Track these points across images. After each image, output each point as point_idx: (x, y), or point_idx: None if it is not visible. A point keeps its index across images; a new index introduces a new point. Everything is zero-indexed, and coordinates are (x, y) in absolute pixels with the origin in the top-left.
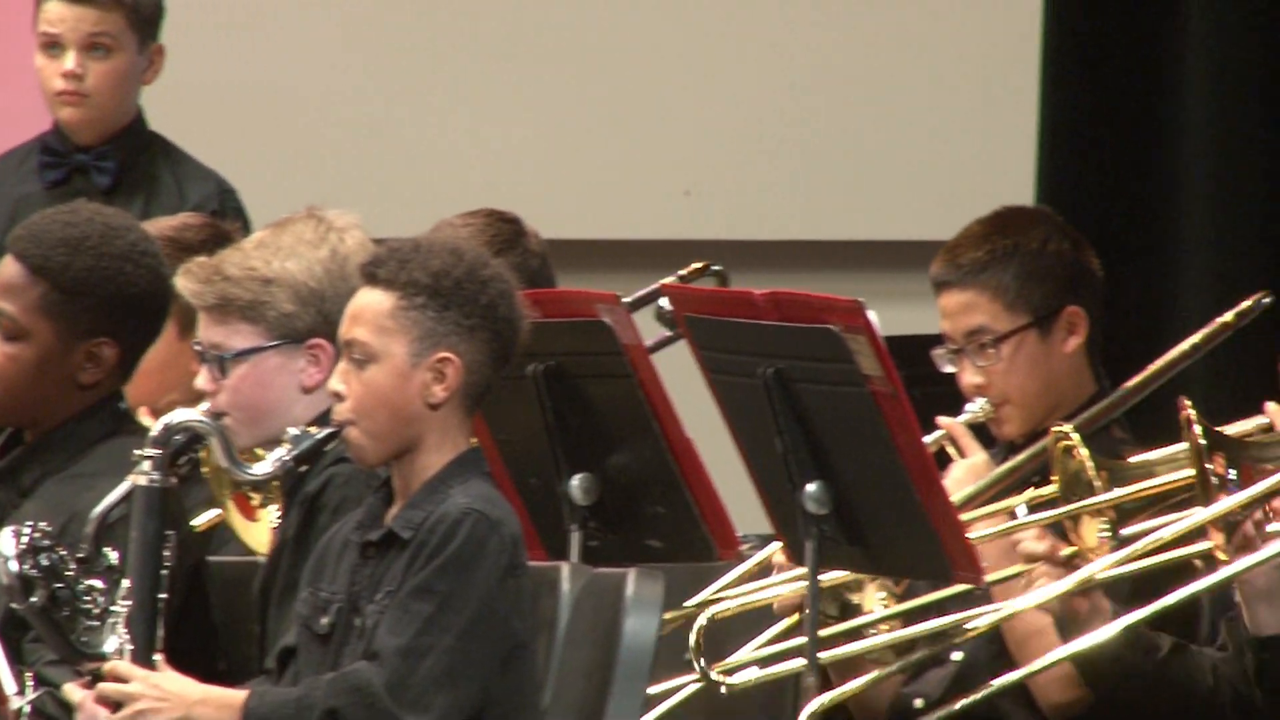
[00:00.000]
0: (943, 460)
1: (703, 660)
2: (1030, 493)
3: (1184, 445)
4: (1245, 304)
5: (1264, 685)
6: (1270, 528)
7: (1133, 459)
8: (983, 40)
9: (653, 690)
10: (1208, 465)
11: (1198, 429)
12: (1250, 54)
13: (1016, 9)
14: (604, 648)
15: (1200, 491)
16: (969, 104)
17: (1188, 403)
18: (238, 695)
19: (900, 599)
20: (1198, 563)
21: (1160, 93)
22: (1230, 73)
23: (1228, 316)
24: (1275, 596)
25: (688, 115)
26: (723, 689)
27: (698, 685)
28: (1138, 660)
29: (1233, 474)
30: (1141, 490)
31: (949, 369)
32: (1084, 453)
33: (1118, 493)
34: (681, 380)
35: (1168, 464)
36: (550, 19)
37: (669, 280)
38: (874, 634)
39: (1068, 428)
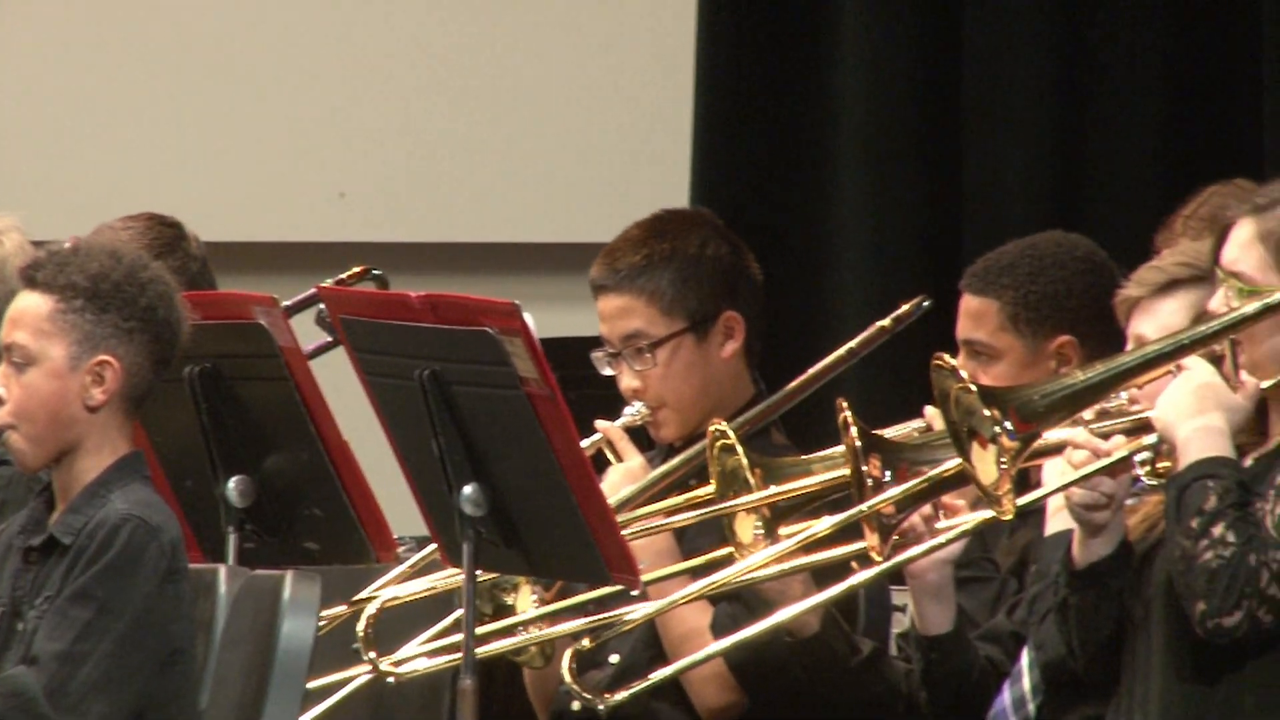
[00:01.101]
0: (601, 463)
1: (373, 652)
2: (689, 495)
3: (842, 448)
4: (903, 308)
5: (929, 684)
6: (940, 524)
7: (789, 458)
8: (636, 44)
9: (320, 683)
10: (863, 466)
11: (854, 430)
12: (905, 58)
13: (670, 13)
14: (262, 649)
15: (856, 491)
16: (624, 107)
17: (845, 404)
18: None
19: (557, 599)
20: (854, 564)
21: (817, 96)
22: (886, 77)
23: (885, 321)
24: (944, 595)
25: (342, 118)
26: (390, 679)
27: (369, 676)
28: (786, 660)
29: (888, 475)
30: (798, 489)
31: (607, 372)
32: (740, 450)
33: (773, 490)
34: (341, 383)
35: (825, 463)
36: (206, 24)
37: (327, 283)
38: (525, 633)
39: (725, 426)
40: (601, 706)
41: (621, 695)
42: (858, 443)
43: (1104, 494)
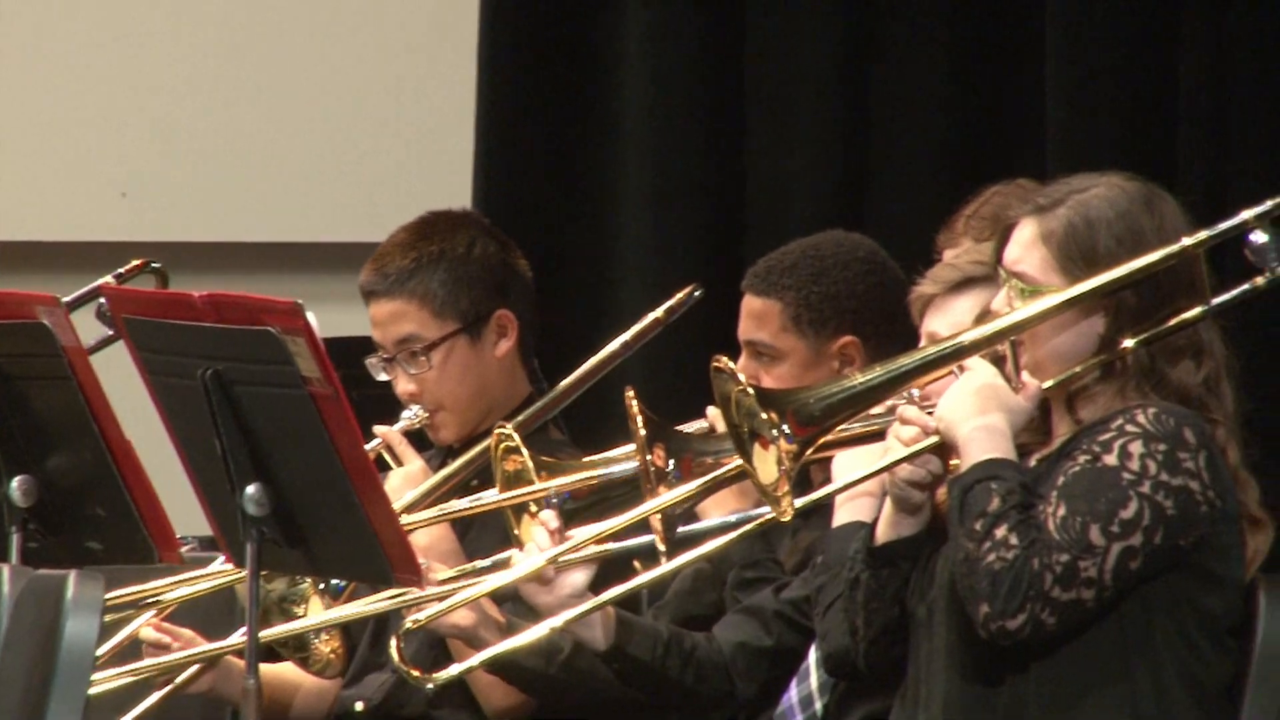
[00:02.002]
0: (382, 467)
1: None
2: (474, 498)
3: (625, 449)
4: (676, 298)
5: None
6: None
7: (574, 461)
8: (419, 44)
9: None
10: (648, 455)
11: (640, 419)
12: (688, 53)
13: (451, 11)
14: (45, 649)
15: (643, 481)
16: (406, 106)
17: (632, 393)
18: None
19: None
20: (636, 564)
21: (599, 94)
22: (669, 75)
23: (658, 313)
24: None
25: (124, 117)
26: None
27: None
28: (540, 665)
29: (672, 465)
30: (584, 479)
31: (382, 377)
32: (525, 453)
33: (558, 481)
34: (123, 381)
35: (608, 464)
36: None
37: (108, 280)
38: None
39: (509, 429)
40: (430, 686)
41: (447, 673)
42: (643, 431)
43: (931, 472)
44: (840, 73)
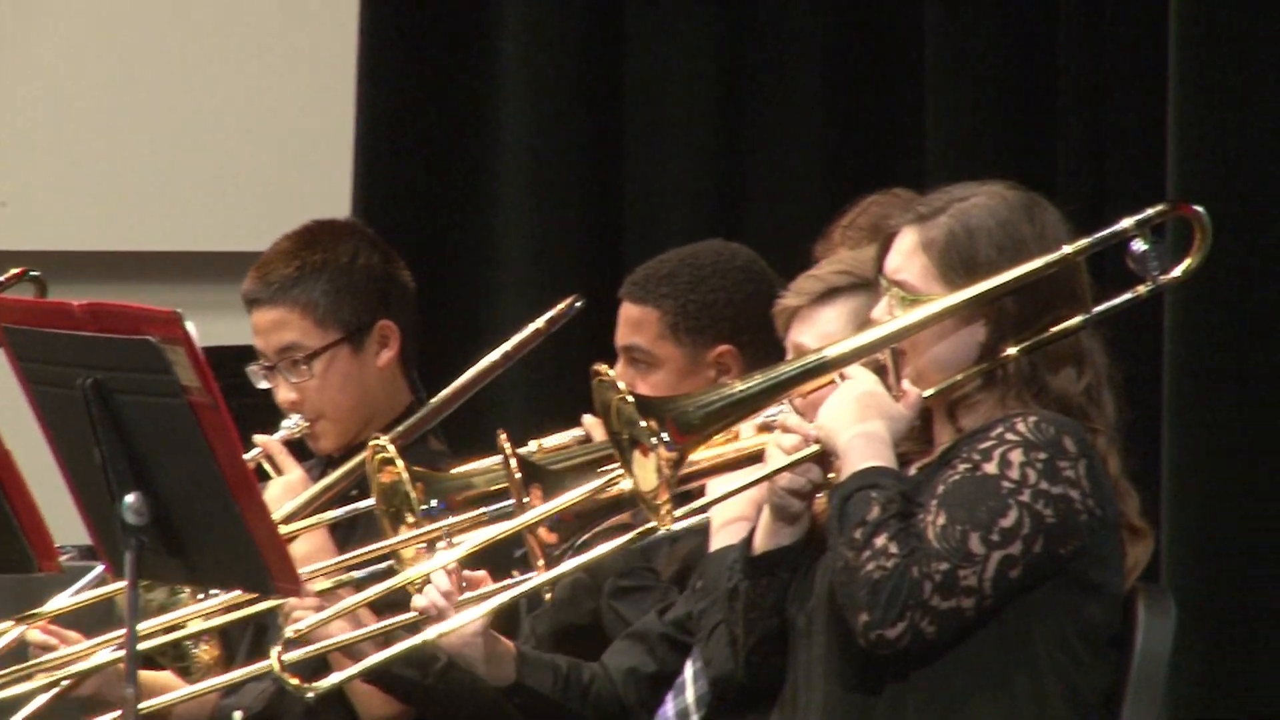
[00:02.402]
0: (261, 476)
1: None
2: (352, 507)
3: (497, 458)
4: (557, 309)
5: None
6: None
7: (449, 471)
8: (297, 54)
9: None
10: (525, 499)
11: (513, 463)
12: (567, 64)
13: (331, 20)
14: None
15: (519, 511)
16: (285, 115)
17: (504, 435)
18: None
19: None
20: (514, 572)
21: (478, 103)
22: (547, 84)
23: (539, 323)
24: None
25: (1, 126)
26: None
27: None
28: (416, 675)
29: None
30: (467, 519)
31: (263, 385)
32: (400, 465)
33: (437, 526)
34: (2, 390)
35: (485, 476)
36: None
37: None
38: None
39: (384, 440)
40: (310, 695)
41: (326, 682)
42: (518, 475)
43: (811, 481)
44: (718, 81)
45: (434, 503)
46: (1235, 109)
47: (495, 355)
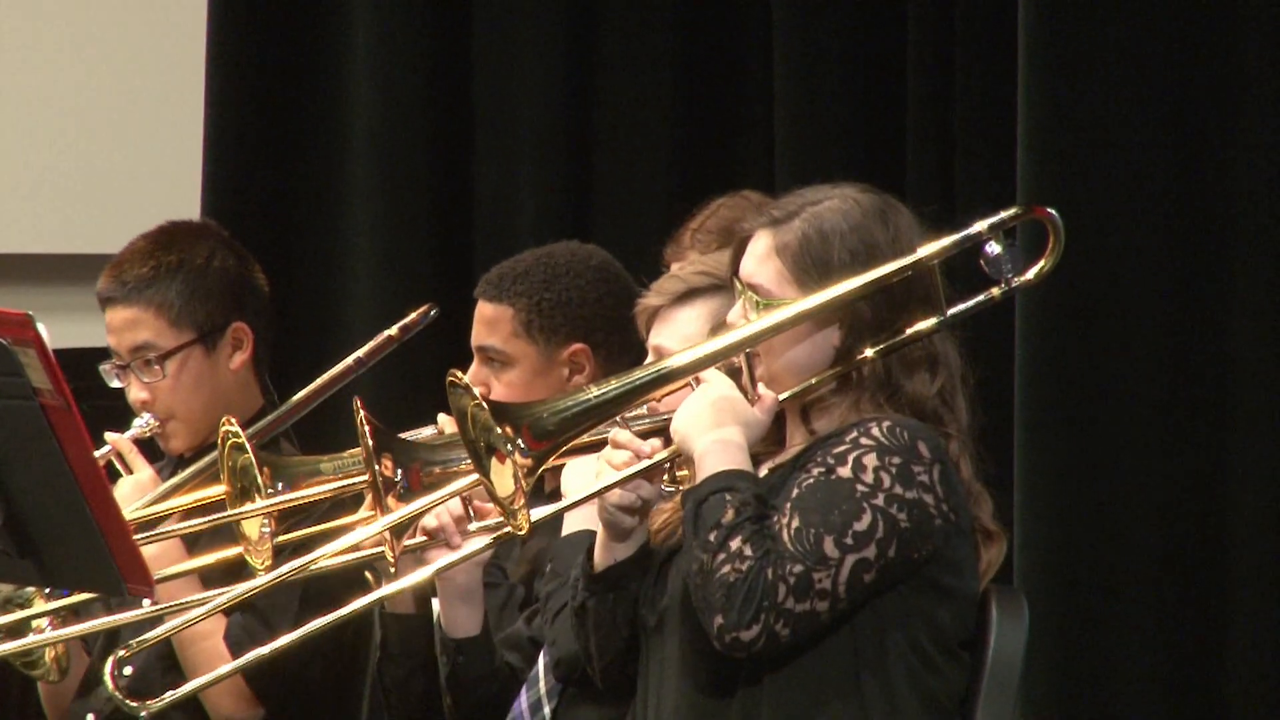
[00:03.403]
0: (112, 475)
1: None
2: (201, 492)
3: (350, 452)
4: (410, 317)
5: (454, 687)
6: (471, 526)
7: (297, 458)
8: (147, 52)
9: None
10: (376, 465)
11: (368, 427)
12: (415, 65)
13: (182, 19)
14: None
15: (371, 490)
16: (135, 116)
17: (360, 402)
18: None
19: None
20: (368, 574)
21: (328, 105)
22: (397, 85)
23: (392, 330)
24: (473, 598)
25: None
26: None
27: None
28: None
29: (399, 474)
30: (308, 496)
31: (116, 384)
32: (248, 448)
33: (285, 498)
34: None
35: (333, 463)
36: None
37: None
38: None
39: (235, 425)
40: (144, 714)
41: (162, 701)
42: (370, 441)
43: (642, 497)
44: (565, 83)
45: (280, 486)
46: (1083, 111)
47: (348, 360)
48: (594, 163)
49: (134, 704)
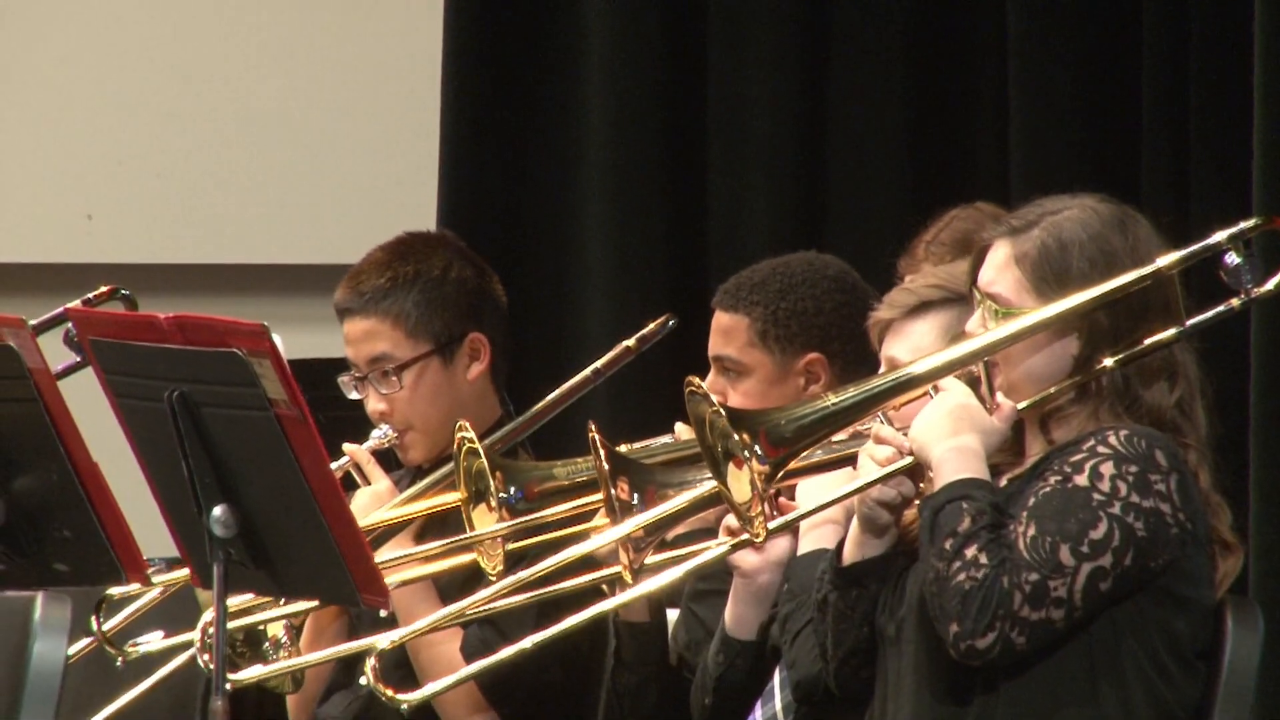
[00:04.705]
0: (349, 486)
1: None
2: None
3: (588, 457)
4: (648, 328)
5: (722, 688)
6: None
7: (529, 463)
8: (383, 65)
9: None
10: (613, 490)
11: (603, 453)
12: (650, 79)
13: (418, 33)
14: (13, 671)
15: (608, 513)
16: (371, 129)
17: (594, 426)
18: None
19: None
20: (604, 587)
21: (562, 118)
22: (631, 98)
23: (630, 341)
24: (767, 600)
25: (88, 139)
26: None
27: None
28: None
29: (636, 498)
30: (549, 515)
31: (354, 396)
32: (481, 452)
33: (521, 520)
34: (91, 404)
35: (567, 469)
36: None
37: (74, 304)
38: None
39: (469, 430)
40: (405, 707)
41: (418, 694)
42: (606, 466)
43: (902, 494)
44: (798, 94)
45: (512, 490)
46: None
47: (586, 372)
48: (827, 174)
49: (399, 697)
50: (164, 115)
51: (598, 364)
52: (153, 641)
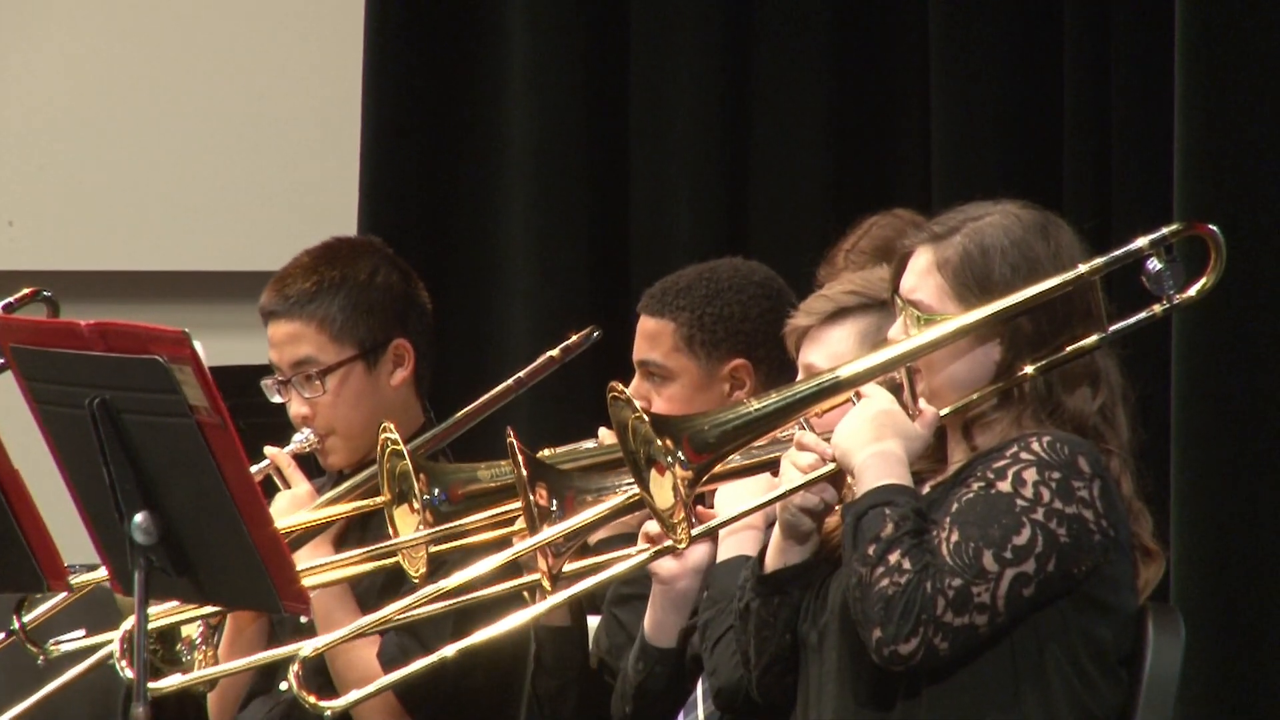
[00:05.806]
0: (269, 490)
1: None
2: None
3: (505, 462)
4: (572, 339)
5: (641, 696)
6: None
7: (452, 465)
8: (304, 73)
9: None
10: (531, 496)
11: (521, 457)
12: (573, 85)
13: (338, 40)
14: None
15: (526, 520)
16: (291, 135)
17: (512, 432)
18: None
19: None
20: (525, 594)
21: (484, 124)
22: (553, 105)
23: (554, 352)
24: (686, 607)
25: (8, 146)
26: None
27: None
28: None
29: (555, 504)
30: (469, 523)
31: (277, 399)
32: (406, 455)
33: (442, 527)
34: (10, 410)
35: (490, 470)
36: None
37: None
38: (198, 664)
39: (393, 431)
40: (328, 714)
41: (342, 701)
42: (525, 472)
43: (824, 500)
44: (720, 100)
45: (436, 492)
46: (1241, 125)
47: (509, 381)
48: (749, 181)
49: (321, 704)
50: (85, 122)
51: (520, 374)
52: (74, 640)
